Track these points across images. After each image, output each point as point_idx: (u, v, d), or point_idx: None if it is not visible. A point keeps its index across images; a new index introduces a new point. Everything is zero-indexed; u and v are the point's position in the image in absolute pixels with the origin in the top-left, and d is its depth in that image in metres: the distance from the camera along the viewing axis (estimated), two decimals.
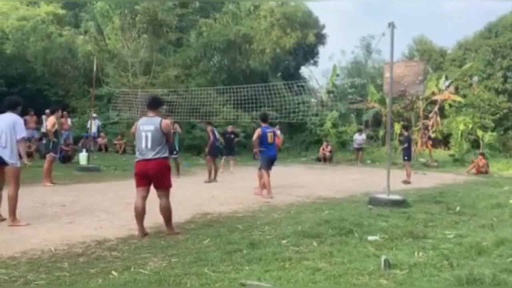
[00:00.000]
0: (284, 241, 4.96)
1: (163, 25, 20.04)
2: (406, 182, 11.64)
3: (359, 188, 10.36)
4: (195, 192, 9.20)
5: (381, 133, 23.70)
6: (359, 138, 18.57)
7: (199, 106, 16.46)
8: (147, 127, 5.31)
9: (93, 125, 17.14)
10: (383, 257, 4.09)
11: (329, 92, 22.96)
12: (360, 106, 24.74)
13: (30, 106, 16.80)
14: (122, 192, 8.93)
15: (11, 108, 6.15)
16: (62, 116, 17.17)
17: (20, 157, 6.05)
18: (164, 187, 5.40)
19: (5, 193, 5.99)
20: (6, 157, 5.80)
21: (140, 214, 5.33)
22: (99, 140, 17.96)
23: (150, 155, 5.26)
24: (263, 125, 9.01)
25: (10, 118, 5.98)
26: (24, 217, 5.98)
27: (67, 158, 14.62)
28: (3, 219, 5.95)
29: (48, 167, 10.00)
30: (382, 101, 22.06)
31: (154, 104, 5.57)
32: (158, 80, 20.29)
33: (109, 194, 8.77)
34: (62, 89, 21.82)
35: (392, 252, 4.53)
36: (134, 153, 15.96)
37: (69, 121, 17.45)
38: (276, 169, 9.90)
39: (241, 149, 20.15)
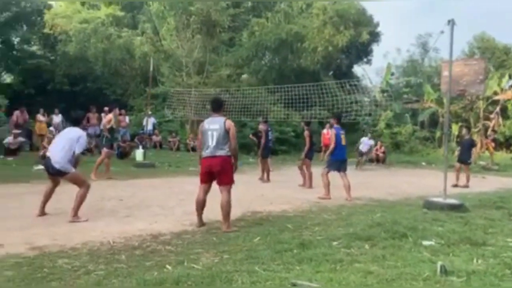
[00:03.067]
0: (335, 243, 4.90)
1: (216, 25, 20.38)
2: (465, 186, 11.15)
3: (413, 190, 10.03)
4: (244, 191, 9.27)
5: (437, 134, 22.79)
6: (367, 142, 17.18)
7: (250, 105, 16.58)
8: (213, 126, 5.66)
9: (149, 123, 17.76)
10: (439, 263, 3.93)
11: (383, 91, 22.35)
12: (416, 106, 23.90)
13: (91, 104, 17.70)
14: (175, 189, 9.21)
15: (78, 123, 6.72)
16: (120, 114, 18.00)
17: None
18: (226, 182, 5.67)
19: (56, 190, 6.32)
20: (61, 168, 6.06)
21: (200, 206, 5.77)
22: (154, 138, 18.56)
23: (215, 152, 5.58)
24: (337, 126, 8.94)
25: (74, 133, 6.29)
26: (84, 210, 6.29)
27: (124, 155, 15.24)
28: (45, 214, 6.27)
29: (99, 162, 10.46)
30: (439, 101, 21.21)
31: (218, 106, 5.91)
32: (211, 79, 20.69)
33: (164, 190, 9.06)
34: (120, 88, 22.78)
35: (449, 259, 4.35)
36: (187, 150, 16.43)
37: (126, 119, 18.19)
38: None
39: (291, 148, 20.11)
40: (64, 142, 6.10)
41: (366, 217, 6.46)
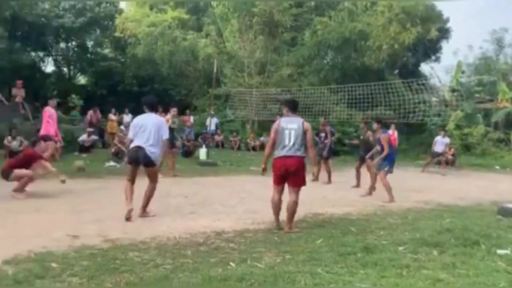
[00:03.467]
0: (401, 248, 4.74)
1: (279, 25, 20.41)
2: None
3: (486, 195, 9.44)
4: (305, 192, 9.22)
5: None
6: (441, 141, 15.28)
7: (312, 105, 16.46)
8: (291, 125, 5.57)
9: (212, 123, 18.19)
10: None
11: (453, 90, 21.25)
12: (489, 106, 22.45)
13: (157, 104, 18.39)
14: (237, 187, 9.35)
15: (154, 109, 6.38)
16: (185, 114, 18.61)
17: None
18: (298, 184, 5.59)
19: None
20: (153, 158, 6.05)
21: (277, 207, 5.70)
22: (217, 137, 18.98)
23: (291, 152, 5.49)
24: (383, 130, 8.90)
25: (156, 118, 6.22)
26: (151, 206, 6.57)
27: (189, 153, 15.72)
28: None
29: (173, 162, 10.99)
30: None
31: (295, 106, 5.89)
32: (272, 79, 20.77)
33: (226, 188, 9.23)
34: (185, 89, 23.51)
35: None
36: (247, 149, 16.59)
37: (191, 118, 18.79)
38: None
39: (353, 149, 19.68)
40: (152, 130, 6.00)
41: (434, 222, 6.18)
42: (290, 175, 5.52)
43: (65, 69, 25.45)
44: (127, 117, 18.16)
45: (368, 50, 21.57)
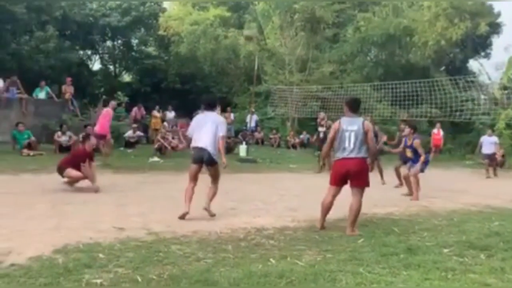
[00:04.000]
0: (446, 250, 4.60)
1: (321, 21, 20.17)
2: None
3: None
4: (346, 190, 9.12)
5: None
6: (489, 140, 14.40)
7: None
8: (351, 127, 5.44)
9: (252, 120, 18.28)
10: None
11: (503, 88, 20.27)
12: None
13: (200, 102, 18.69)
14: (277, 184, 9.38)
15: (213, 107, 6.31)
16: (225, 111, 18.81)
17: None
18: (361, 185, 5.44)
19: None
20: (214, 157, 6.03)
21: (326, 208, 5.56)
22: (257, 134, 19.05)
23: (352, 154, 5.37)
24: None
25: (215, 116, 6.21)
26: (194, 201, 6.67)
27: (229, 150, 15.87)
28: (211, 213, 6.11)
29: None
30: None
31: (357, 106, 5.71)
32: (313, 76, 20.58)
33: (265, 185, 9.28)
34: (226, 86, 23.72)
35: None
36: (287, 147, 16.54)
37: (232, 115, 18.95)
38: (436, 173, 9.25)
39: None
40: (211, 130, 5.98)
41: (481, 225, 5.96)
42: (351, 176, 5.40)
43: (111, 67, 26.30)
44: (170, 114, 18.59)
45: (413, 47, 20.98)
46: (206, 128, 5.99)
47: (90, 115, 16.79)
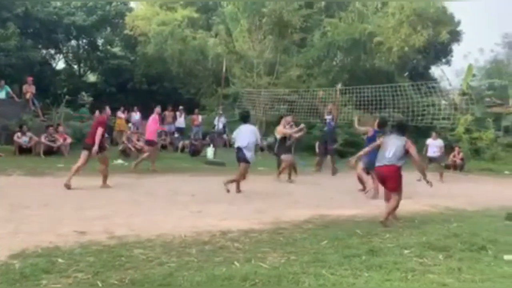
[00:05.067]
0: (406, 251, 4.72)
1: (288, 26, 20.38)
2: None
3: (494, 201, 9.35)
4: (312, 192, 9.23)
5: None
6: (434, 144, 14.57)
7: (319, 106, 16.40)
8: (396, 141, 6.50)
9: (220, 122, 18.22)
10: None
11: (463, 94, 21.08)
12: (500, 110, 22.25)
13: (167, 103, 18.54)
14: (244, 187, 9.34)
15: (247, 120, 9.08)
16: (193, 113, 18.69)
17: None
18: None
19: None
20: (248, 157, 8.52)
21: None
22: (225, 137, 19.00)
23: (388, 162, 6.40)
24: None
25: (252, 127, 9.00)
26: (159, 204, 6.60)
27: (196, 152, 15.77)
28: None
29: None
30: None
31: (403, 130, 6.79)
32: (281, 80, 20.74)
33: (233, 188, 9.23)
34: (194, 88, 23.56)
35: None
36: (255, 150, 16.49)
37: (199, 118, 18.85)
38: None
39: (361, 150, 19.60)
40: (248, 135, 8.47)
41: (441, 227, 6.15)
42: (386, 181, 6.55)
43: (75, 66, 25.68)
44: (135, 115, 18.26)
45: (378, 52, 21.47)
46: (244, 135, 8.72)
47: (52, 116, 16.30)
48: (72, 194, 7.52)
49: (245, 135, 8.57)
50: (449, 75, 41.47)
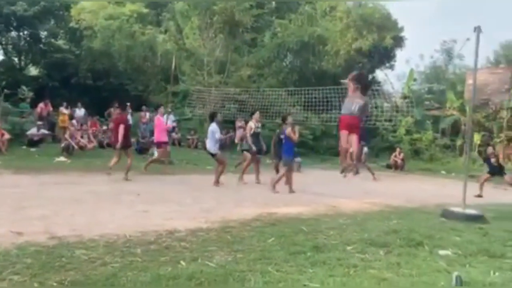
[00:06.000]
0: (349, 247, 4.88)
1: (239, 25, 20.44)
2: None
3: (431, 199, 9.89)
4: (259, 192, 9.32)
5: (458, 142, 22.41)
6: None
7: (269, 107, 16.57)
8: None
9: (169, 120, 17.92)
10: (455, 274, 3.88)
11: (404, 97, 22.10)
12: (437, 113, 23.55)
13: (113, 100, 17.97)
14: (192, 185, 9.31)
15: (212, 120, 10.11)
16: (141, 110, 18.26)
17: None
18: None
19: None
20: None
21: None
22: (174, 135, 18.71)
23: None
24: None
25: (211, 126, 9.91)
26: (103, 203, 6.41)
27: (144, 150, 15.42)
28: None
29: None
30: (461, 109, 20.90)
31: None
32: (231, 79, 20.76)
33: (180, 187, 9.16)
34: (142, 85, 23.03)
35: (465, 269, 4.28)
36: (204, 148, 16.44)
37: (147, 115, 18.45)
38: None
39: (308, 151, 20.05)
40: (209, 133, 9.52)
41: (382, 224, 6.40)
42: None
43: (15, 59, 24.28)
44: (79, 111, 17.55)
45: (326, 55, 22.03)
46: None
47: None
48: (10, 193, 7.12)
49: (208, 133, 9.94)
50: (392, 79, 43.25)
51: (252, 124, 10.89)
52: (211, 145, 9.93)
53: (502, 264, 4.54)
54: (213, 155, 10.00)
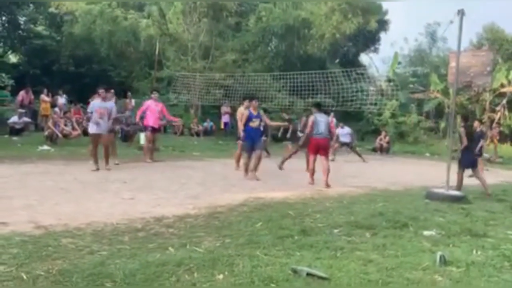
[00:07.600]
0: (336, 230, 4.94)
1: (223, 9, 20.21)
2: None
3: (416, 181, 10.05)
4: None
5: (442, 125, 22.72)
6: (342, 132, 15.48)
7: (255, 92, 16.53)
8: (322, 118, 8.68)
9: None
10: (438, 253, 3.98)
11: (389, 80, 22.25)
12: (422, 96, 23.79)
13: (95, 86, 17.66)
14: (179, 172, 9.27)
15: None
16: (126, 97, 18.02)
17: None
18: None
19: None
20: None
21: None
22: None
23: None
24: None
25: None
26: (89, 191, 6.34)
27: (128, 137, 15.27)
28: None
29: None
30: (445, 92, 21.12)
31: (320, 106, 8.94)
32: (216, 64, 20.59)
33: (167, 173, 9.11)
34: (125, 71, 22.73)
35: (449, 249, 4.39)
36: (191, 135, 16.56)
37: (132, 101, 18.23)
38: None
39: (293, 135, 20.08)
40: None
41: (368, 206, 6.50)
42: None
43: None
44: (61, 99, 17.25)
45: (311, 39, 21.96)
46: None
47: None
48: None
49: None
50: (376, 62, 43.45)
51: (242, 108, 10.00)
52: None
53: (484, 243, 4.67)
54: None
